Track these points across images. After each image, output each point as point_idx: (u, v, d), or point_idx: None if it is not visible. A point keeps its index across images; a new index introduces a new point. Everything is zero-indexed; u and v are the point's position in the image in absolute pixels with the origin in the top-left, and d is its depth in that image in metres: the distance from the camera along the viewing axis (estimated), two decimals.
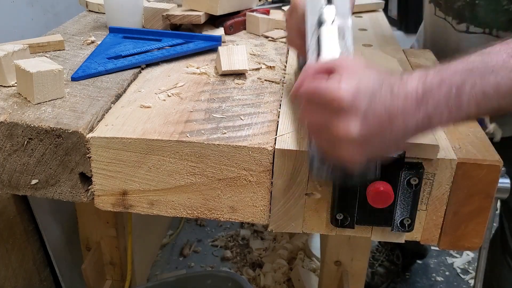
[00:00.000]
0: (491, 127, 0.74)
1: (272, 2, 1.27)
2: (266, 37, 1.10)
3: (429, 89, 0.53)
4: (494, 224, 0.98)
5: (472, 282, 1.77)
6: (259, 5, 1.24)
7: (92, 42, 1.00)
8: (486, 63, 0.54)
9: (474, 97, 0.53)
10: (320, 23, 0.69)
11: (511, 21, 0.86)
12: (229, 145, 0.66)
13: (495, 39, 0.88)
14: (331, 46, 0.66)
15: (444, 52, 1.01)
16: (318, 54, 0.67)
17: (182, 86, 0.84)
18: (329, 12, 0.69)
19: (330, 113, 0.52)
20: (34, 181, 0.71)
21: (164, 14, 1.05)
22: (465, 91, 0.53)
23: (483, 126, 0.74)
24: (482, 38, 0.91)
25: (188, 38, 1.00)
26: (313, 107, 0.55)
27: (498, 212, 1.17)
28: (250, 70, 0.91)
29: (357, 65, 0.55)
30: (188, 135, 0.68)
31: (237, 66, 0.87)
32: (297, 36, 0.75)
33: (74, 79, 0.83)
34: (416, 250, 1.76)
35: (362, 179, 0.61)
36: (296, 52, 0.92)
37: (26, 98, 0.76)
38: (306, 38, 0.71)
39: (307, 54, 0.69)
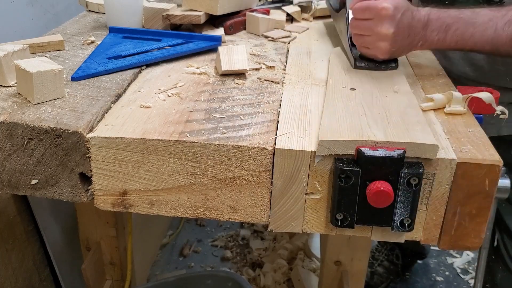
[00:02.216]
0: (499, 108, 0.77)
1: (272, 2, 1.27)
2: (266, 37, 1.10)
3: (430, 20, 0.83)
4: None
5: (472, 282, 1.77)
6: (259, 5, 1.24)
7: (92, 42, 1.00)
8: (471, 18, 0.83)
9: (455, 36, 0.83)
10: None
11: None
12: (229, 145, 0.66)
13: None
14: None
15: None
16: None
17: (182, 86, 0.84)
18: None
19: (376, 19, 0.82)
20: (34, 181, 0.71)
21: (164, 14, 1.05)
22: (450, 30, 0.83)
23: (481, 123, 0.74)
24: None
25: (188, 38, 1.00)
26: (363, 17, 0.84)
27: None
28: (250, 70, 0.91)
29: None
30: (188, 135, 0.68)
31: (237, 66, 0.87)
32: None
33: (74, 79, 0.83)
34: (416, 250, 1.76)
35: (387, 67, 0.88)
36: None
37: (26, 98, 0.76)
38: None
39: None
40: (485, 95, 0.76)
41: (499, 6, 0.86)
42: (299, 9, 1.23)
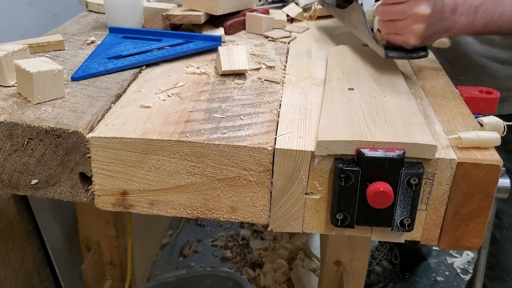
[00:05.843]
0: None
1: (272, 2, 1.27)
2: (266, 37, 1.10)
3: (458, 3, 0.80)
4: None
5: None
6: (259, 5, 1.24)
7: (92, 42, 1.00)
8: None
9: (484, 17, 0.81)
10: None
11: None
12: (229, 145, 0.66)
13: None
14: None
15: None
16: None
17: (182, 86, 0.84)
18: None
19: (412, 0, 0.77)
20: (34, 181, 0.71)
21: (164, 14, 1.05)
22: (479, 11, 0.80)
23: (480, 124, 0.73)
24: None
25: (188, 38, 1.00)
26: (396, 0, 0.79)
27: None
28: (250, 70, 0.91)
29: None
30: (188, 135, 0.68)
31: (237, 66, 0.87)
32: None
33: (74, 79, 0.83)
34: (417, 253, 1.76)
35: (418, 56, 0.84)
36: None
37: (26, 98, 0.76)
38: None
39: None
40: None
41: None
42: (301, 10, 1.23)
